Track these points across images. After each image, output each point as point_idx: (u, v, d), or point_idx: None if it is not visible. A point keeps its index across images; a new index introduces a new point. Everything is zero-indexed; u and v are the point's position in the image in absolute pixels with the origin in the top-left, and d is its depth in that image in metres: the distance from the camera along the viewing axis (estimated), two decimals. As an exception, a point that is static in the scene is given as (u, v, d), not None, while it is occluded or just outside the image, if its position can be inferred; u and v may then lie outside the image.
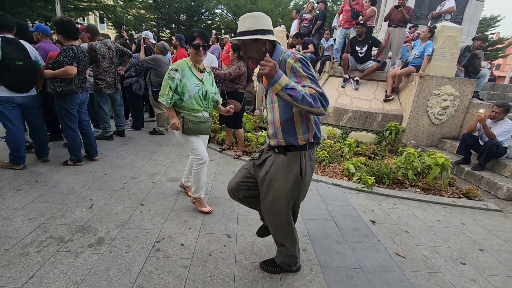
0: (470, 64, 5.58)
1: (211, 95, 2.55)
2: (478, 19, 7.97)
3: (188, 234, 2.35)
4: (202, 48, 2.36)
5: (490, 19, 20.00)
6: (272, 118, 1.65)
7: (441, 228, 2.88)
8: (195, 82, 2.41)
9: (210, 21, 23.04)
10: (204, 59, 2.19)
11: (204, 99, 2.50)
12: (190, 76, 2.40)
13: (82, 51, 3.40)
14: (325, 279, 2.00)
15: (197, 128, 2.47)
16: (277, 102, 1.60)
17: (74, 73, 3.18)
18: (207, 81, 2.51)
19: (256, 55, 1.56)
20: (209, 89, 2.52)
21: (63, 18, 3.27)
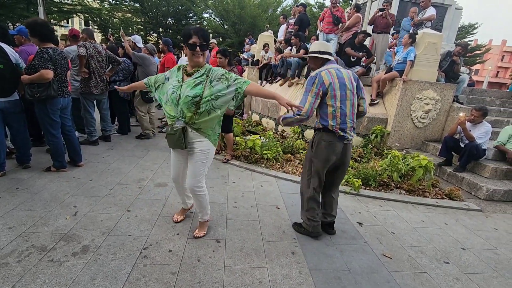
0: (450, 70, 5.81)
1: (186, 99, 1.95)
2: (457, 26, 8.32)
3: (176, 240, 2.32)
4: (199, 47, 1.93)
5: (468, 27, 20.89)
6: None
7: (426, 228, 2.96)
8: (172, 84, 2.05)
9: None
10: (201, 60, 1.96)
11: (176, 104, 1.99)
12: (174, 77, 2.09)
13: (60, 53, 3.28)
14: (314, 281, 2.01)
15: (168, 140, 2.10)
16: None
17: (51, 77, 3.04)
18: (188, 84, 1.99)
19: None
20: (185, 92, 1.96)
21: (36, 19, 3.14)
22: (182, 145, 2.03)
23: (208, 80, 2.00)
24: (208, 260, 2.11)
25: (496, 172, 4.19)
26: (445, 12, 7.60)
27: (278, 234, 2.58)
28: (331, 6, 6.54)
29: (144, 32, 21.03)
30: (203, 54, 1.97)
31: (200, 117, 2.01)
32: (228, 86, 2.00)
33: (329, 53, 2.40)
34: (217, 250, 2.24)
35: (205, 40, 1.95)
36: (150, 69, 5.03)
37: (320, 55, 2.38)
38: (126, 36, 5.16)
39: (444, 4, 7.56)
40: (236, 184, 3.61)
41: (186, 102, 1.95)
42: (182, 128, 2.00)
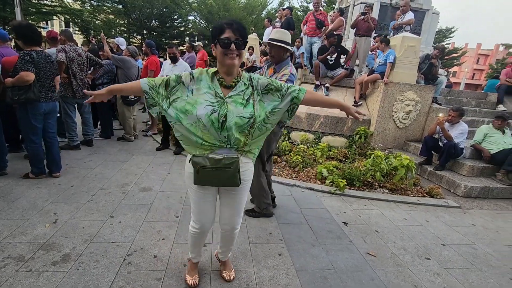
0: (429, 72, 6.02)
1: (242, 121, 1.44)
2: (434, 30, 8.65)
3: (162, 245, 2.29)
4: (234, 45, 1.39)
5: (446, 31, 21.75)
6: None
7: (408, 226, 3.04)
8: (209, 100, 1.44)
9: (183, 28, 22.83)
10: (237, 63, 1.44)
11: (221, 128, 1.43)
12: (206, 89, 1.47)
13: (45, 56, 3.20)
14: (300, 282, 2.03)
15: (207, 177, 1.51)
16: None
17: (30, 79, 2.94)
18: (235, 100, 1.47)
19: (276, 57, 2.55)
20: (237, 112, 1.44)
21: (21, 22, 3.08)
22: (237, 181, 1.52)
23: (255, 93, 1.52)
24: (194, 265, 2.09)
25: (473, 170, 4.37)
26: (423, 16, 7.90)
27: (264, 236, 2.58)
28: (314, 10, 6.67)
29: (127, 34, 20.65)
30: (240, 54, 1.45)
31: (253, 139, 1.54)
32: (281, 98, 1.56)
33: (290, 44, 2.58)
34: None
35: (242, 36, 1.41)
36: (131, 71, 4.96)
37: (287, 46, 2.51)
38: (107, 39, 5.06)
39: (422, 8, 7.84)
40: (223, 187, 3.59)
41: (240, 126, 1.44)
42: (237, 160, 1.49)
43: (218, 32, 1.42)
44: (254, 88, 1.52)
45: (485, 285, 2.20)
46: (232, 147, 1.49)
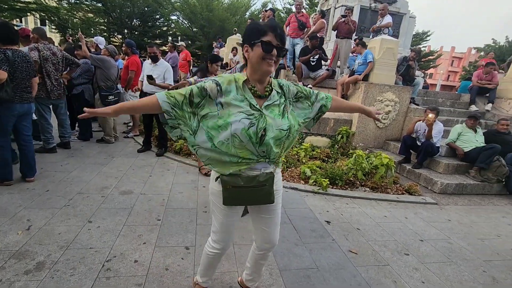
0: (407, 73, 6.24)
1: (281, 134, 1.33)
2: (411, 33, 8.97)
3: (143, 249, 2.23)
4: (276, 51, 1.26)
5: (422, 34, 22.62)
6: None
7: (388, 223, 3.13)
8: (244, 112, 1.28)
9: (166, 28, 22.48)
10: (273, 70, 1.32)
11: (259, 142, 1.29)
12: (238, 100, 1.30)
13: (22, 56, 3.04)
14: (284, 282, 2.04)
15: (239, 196, 1.37)
16: None
17: (3, 78, 2.79)
18: (272, 111, 1.34)
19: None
20: (276, 125, 1.32)
21: None
22: (272, 198, 1.41)
23: (287, 102, 1.41)
24: (176, 268, 2.05)
25: (449, 167, 4.56)
26: (401, 20, 8.18)
27: (248, 237, 2.57)
28: (296, 11, 6.75)
29: (107, 33, 20.09)
30: (277, 62, 1.31)
31: (286, 149, 1.44)
32: (312, 106, 1.49)
33: None
34: (186, 257, 2.19)
35: (283, 43, 1.30)
36: (111, 72, 4.81)
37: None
38: (86, 38, 4.89)
39: (399, 12, 8.12)
40: (206, 188, 3.56)
41: (279, 139, 1.33)
42: (272, 176, 1.38)
43: (260, 33, 1.27)
44: (286, 97, 1.41)
45: (460, 278, 2.29)
46: (268, 160, 1.37)
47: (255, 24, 1.33)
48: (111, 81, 4.87)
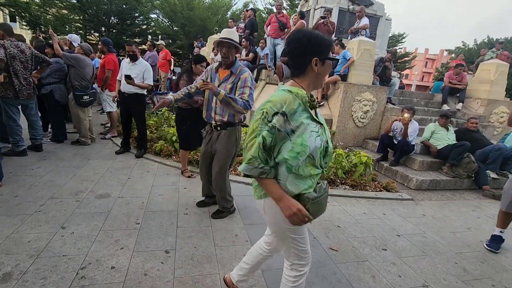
0: (383, 74, 6.44)
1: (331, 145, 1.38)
2: (388, 35, 9.27)
3: (120, 255, 2.15)
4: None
5: (398, 36, 23.45)
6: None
7: (367, 220, 3.21)
8: (314, 129, 1.25)
9: (145, 26, 21.90)
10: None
11: (324, 154, 1.33)
12: (304, 117, 1.25)
13: None
14: (266, 282, 2.04)
15: (318, 208, 1.34)
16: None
17: None
18: (323, 122, 1.36)
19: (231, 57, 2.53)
20: (328, 134, 1.37)
21: None
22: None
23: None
24: (156, 273, 2.00)
25: (423, 164, 4.75)
26: (378, 22, 8.42)
27: (230, 238, 2.56)
28: (276, 12, 6.79)
29: (83, 31, 19.29)
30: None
31: None
32: None
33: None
34: (166, 261, 2.13)
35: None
36: (86, 71, 4.63)
37: (238, 44, 2.59)
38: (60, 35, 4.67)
39: (376, 15, 8.36)
40: (188, 190, 3.50)
41: (331, 150, 1.38)
42: (325, 181, 1.44)
43: (328, 49, 1.26)
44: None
45: (434, 271, 2.39)
46: (325, 171, 1.37)
47: (324, 38, 1.26)
48: (86, 81, 4.68)
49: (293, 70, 1.34)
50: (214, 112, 2.61)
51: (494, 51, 8.86)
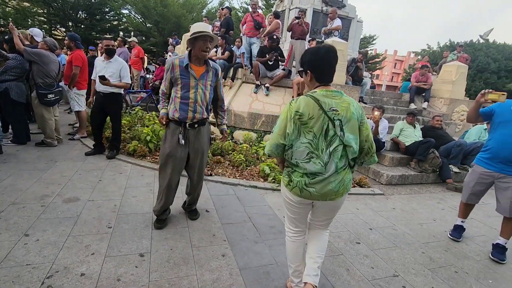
0: (355, 74, 6.67)
1: None
2: (359, 37, 9.61)
3: (91, 261, 2.06)
4: None
5: (369, 38, 24.40)
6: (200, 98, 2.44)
7: (342, 215, 3.31)
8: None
9: (116, 22, 20.99)
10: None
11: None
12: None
13: None
14: (244, 281, 2.04)
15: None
16: (208, 91, 2.50)
17: None
18: None
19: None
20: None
21: None
22: None
23: None
24: (130, 278, 1.93)
25: (393, 160, 4.99)
26: (350, 24, 8.71)
27: (208, 238, 2.53)
28: (252, 11, 6.80)
29: (48, 25, 18.11)
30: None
31: None
32: None
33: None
34: (141, 265, 2.07)
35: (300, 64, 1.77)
36: (50, 67, 4.35)
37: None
38: (22, 29, 4.35)
39: (348, 16, 8.64)
40: (163, 191, 3.41)
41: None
42: None
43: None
44: None
45: (403, 261, 2.52)
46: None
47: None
48: (51, 78, 4.40)
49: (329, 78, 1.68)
50: (195, 112, 2.44)
51: (455, 53, 9.48)
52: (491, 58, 24.82)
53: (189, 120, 2.45)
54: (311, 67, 1.65)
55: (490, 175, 2.67)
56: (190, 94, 2.40)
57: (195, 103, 2.42)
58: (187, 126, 2.47)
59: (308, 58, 1.66)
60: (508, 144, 2.52)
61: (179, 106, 2.41)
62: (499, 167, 2.60)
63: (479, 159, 2.79)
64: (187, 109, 2.41)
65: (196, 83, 2.40)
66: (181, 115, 2.42)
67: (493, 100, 2.46)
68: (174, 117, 2.44)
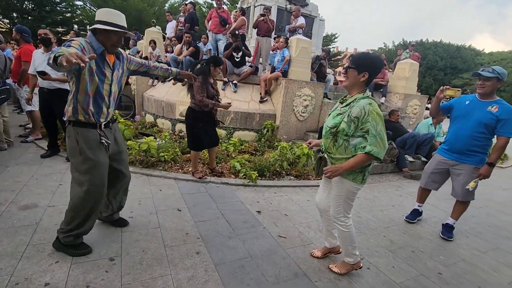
0: (320, 71, 6.94)
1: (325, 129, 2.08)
2: (322, 35, 9.98)
3: (55, 269, 1.94)
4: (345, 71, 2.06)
5: (331, 36, 25.42)
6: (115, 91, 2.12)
7: (311, 206, 3.46)
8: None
9: (70, 14, 19.46)
10: (344, 84, 1.91)
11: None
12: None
13: None
14: (219, 276, 2.07)
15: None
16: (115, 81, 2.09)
17: None
18: (333, 112, 2.11)
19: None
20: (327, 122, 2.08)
21: None
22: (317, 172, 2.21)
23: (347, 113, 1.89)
24: (100, 283, 1.86)
25: (356, 152, 5.29)
26: (313, 22, 9.00)
27: (181, 237, 2.51)
28: (216, 7, 6.74)
29: (-13, 15, 16.28)
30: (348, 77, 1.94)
31: (337, 150, 1.98)
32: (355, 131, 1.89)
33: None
34: (111, 270, 2.00)
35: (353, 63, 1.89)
36: (-4, 64, 3.96)
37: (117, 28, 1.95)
38: None
39: (311, 15, 8.93)
40: (131, 192, 3.26)
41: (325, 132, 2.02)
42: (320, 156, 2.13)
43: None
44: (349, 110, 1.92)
45: (367, 245, 2.72)
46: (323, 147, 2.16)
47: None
48: (-3, 76, 4.00)
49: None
50: (109, 108, 2.09)
51: (408, 52, 10.25)
52: (439, 56, 27.15)
53: (107, 117, 2.10)
54: (371, 70, 1.84)
55: (447, 162, 2.99)
56: (105, 86, 2.00)
57: (109, 97, 2.06)
58: (103, 125, 2.08)
59: (371, 62, 1.85)
60: (461, 137, 2.81)
61: (92, 102, 1.97)
62: (455, 156, 2.91)
63: (440, 149, 3.11)
64: (108, 105, 2.07)
65: (111, 73, 2.04)
66: (101, 113, 2.03)
67: (450, 96, 2.71)
68: (87, 118, 1.98)
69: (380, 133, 1.79)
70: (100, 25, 1.89)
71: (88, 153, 1.98)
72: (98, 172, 2.04)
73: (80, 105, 1.94)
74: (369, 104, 1.80)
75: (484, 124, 2.67)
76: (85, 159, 1.99)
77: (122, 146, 2.36)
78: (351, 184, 1.99)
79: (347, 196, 2.04)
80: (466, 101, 2.84)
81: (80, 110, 1.95)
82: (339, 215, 2.08)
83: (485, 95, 2.72)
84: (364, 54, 1.91)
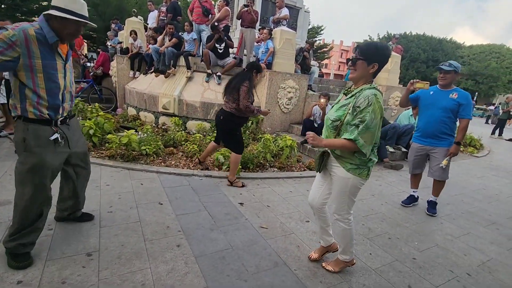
0: (304, 63, 6.95)
1: (327, 122, 2.01)
2: (307, 27, 9.97)
3: (30, 266, 1.89)
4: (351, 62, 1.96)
5: (317, 28, 25.41)
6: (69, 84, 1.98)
7: (293, 197, 3.51)
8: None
9: (46, 2, 18.50)
10: (351, 76, 2.03)
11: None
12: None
13: None
14: (200, 268, 2.07)
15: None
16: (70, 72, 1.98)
17: None
18: (338, 104, 2.04)
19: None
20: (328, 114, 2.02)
21: None
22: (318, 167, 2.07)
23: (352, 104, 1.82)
24: (76, 279, 1.83)
25: (339, 144, 5.37)
26: (298, 14, 8.96)
27: (162, 230, 2.50)
28: (199, -3, 6.59)
29: (-47, 3, 15.25)
30: (355, 69, 1.85)
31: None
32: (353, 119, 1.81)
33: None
34: (88, 265, 1.97)
35: (360, 54, 1.80)
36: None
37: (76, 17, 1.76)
38: None
39: (296, 6, 8.87)
40: (111, 186, 3.24)
41: (327, 125, 1.95)
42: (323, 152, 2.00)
43: None
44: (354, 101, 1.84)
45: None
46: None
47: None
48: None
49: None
50: (64, 102, 1.94)
51: (390, 44, 10.40)
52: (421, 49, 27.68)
53: (63, 112, 1.96)
54: (381, 60, 1.78)
55: (423, 148, 3.32)
56: (57, 80, 1.84)
57: (64, 91, 1.91)
58: (60, 121, 1.94)
59: (381, 53, 1.78)
60: (431, 122, 3.16)
61: (43, 98, 1.80)
62: (428, 141, 3.24)
63: (414, 137, 3.42)
64: (62, 99, 1.91)
65: (63, 64, 1.89)
66: (50, 109, 1.85)
67: (420, 88, 3.06)
68: (38, 115, 1.81)
69: (374, 128, 1.73)
70: (56, 12, 1.69)
71: (35, 150, 1.81)
72: (42, 172, 1.87)
73: (29, 101, 1.76)
74: (374, 95, 1.73)
75: (450, 109, 3.06)
76: (29, 156, 1.82)
77: (81, 141, 2.26)
78: (357, 179, 1.95)
79: (351, 192, 2.02)
80: (430, 92, 3.17)
81: (28, 107, 1.77)
82: (343, 211, 2.06)
83: (445, 86, 3.13)
84: (373, 44, 1.81)
